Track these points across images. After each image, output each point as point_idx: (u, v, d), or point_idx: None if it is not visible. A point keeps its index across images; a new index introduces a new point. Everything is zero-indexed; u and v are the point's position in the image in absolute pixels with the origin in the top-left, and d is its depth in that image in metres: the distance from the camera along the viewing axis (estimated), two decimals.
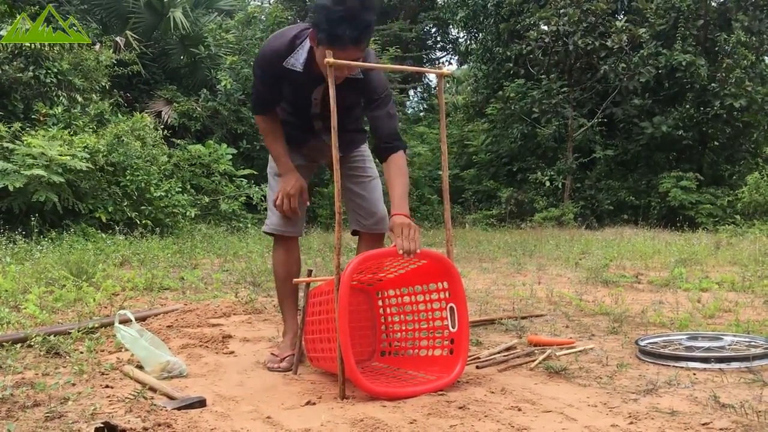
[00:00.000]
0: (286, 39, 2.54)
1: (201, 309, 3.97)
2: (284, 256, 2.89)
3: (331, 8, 2.30)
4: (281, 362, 2.74)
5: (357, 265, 2.36)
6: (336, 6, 2.30)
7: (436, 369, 2.49)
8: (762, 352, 2.66)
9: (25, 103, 9.58)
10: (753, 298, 4.43)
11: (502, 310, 4.06)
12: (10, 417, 2.04)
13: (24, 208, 8.05)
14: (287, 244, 2.89)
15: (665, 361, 2.70)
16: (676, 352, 2.78)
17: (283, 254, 2.89)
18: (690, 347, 2.85)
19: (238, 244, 8.14)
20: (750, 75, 13.65)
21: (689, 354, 2.72)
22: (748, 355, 2.64)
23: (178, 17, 13.02)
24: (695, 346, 2.86)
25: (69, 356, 2.83)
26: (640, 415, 2.06)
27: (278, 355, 2.79)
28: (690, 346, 2.86)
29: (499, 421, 2.02)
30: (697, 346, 2.85)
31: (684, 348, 2.85)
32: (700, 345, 2.86)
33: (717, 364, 2.60)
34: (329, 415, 2.11)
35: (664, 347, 2.87)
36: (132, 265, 6.19)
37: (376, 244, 2.84)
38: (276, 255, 2.93)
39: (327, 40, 2.34)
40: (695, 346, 2.86)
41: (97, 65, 10.50)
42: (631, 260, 6.90)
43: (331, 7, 2.30)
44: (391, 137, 2.59)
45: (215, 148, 11.70)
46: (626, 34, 13.92)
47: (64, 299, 4.13)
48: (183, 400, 2.21)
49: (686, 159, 14.65)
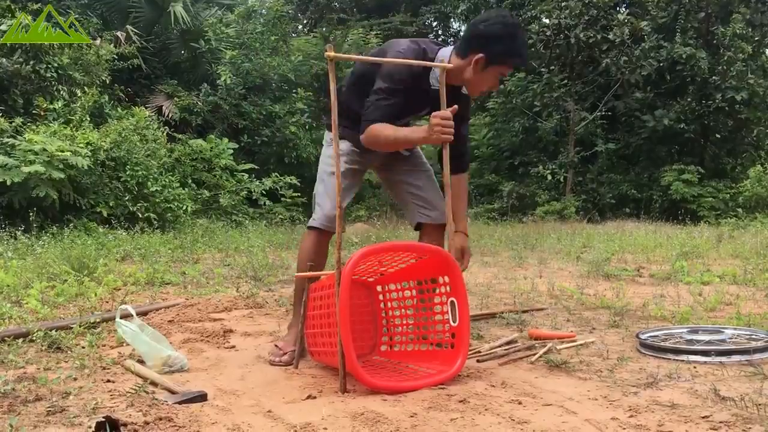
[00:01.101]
0: (422, 58, 2.66)
1: (202, 304, 3.97)
2: (316, 247, 2.84)
3: (516, 35, 2.59)
4: (284, 355, 2.74)
5: (358, 259, 2.36)
6: (519, 33, 2.62)
7: (437, 363, 2.49)
8: (763, 345, 2.66)
9: (25, 97, 9.57)
10: (754, 291, 4.42)
11: (503, 304, 4.07)
12: (12, 411, 2.04)
13: (24, 203, 8.06)
14: (321, 238, 2.86)
15: (666, 354, 2.70)
16: (677, 345, 2.79)
17: (315, 246, 2.84)
18: (691, 341, 2.85)
19: (239, 239, 8.14)
20: (752, 67, 13.61)
21: (690, 347, 2.72)
22: (748, 348, 2.64)
23: (179, 11, 12.98)
24: (696, 339, 2.86)
25: (70, 351, 2.83)
26: (641, 408, 2.06)
27: (282, 348, 2.79)
28: (691, 340, 2.86)
29: (499, 415, 2.03)
30: (697, 339, 2.85)
31: (685, 341, 2.85)
32: (700, 338, 2.86)
33: (718, 357, 2.60)
34: (330, 408, 2.12)
35: (665, 341, 2.87)
36: (133, 259, 6.20)
37: (440, 236, 2.96)
38: (306, 246, 2.86)
39: (513, 63, 2.69)
40: (696, 339, 2.86)
41: (98, 60, 10.47)
42: (632, 254, 6.89)
43: (517, 35, 2.60)
44: (466, 156, 2.99)
45: (216, 142, 11.70)
46: (628, 27, 13.89)
47: (65, 294, 4.14)
48: (184, 395, 2.22)
49: (688, 152, 14.63)
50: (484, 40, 2.57)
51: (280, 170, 12.79)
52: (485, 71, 2.62)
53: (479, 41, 2.59)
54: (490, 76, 2.65)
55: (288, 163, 13.23)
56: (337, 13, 20.16)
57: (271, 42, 14.06)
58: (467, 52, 2.61)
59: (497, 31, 2.56)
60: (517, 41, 2.60)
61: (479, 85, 2.69)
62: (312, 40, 15.72)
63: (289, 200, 12.48)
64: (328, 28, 17.42)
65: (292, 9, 18.70)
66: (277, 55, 14.02)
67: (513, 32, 2.59)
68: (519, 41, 2.61)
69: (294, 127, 13.22)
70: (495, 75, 2.65)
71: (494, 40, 2.56)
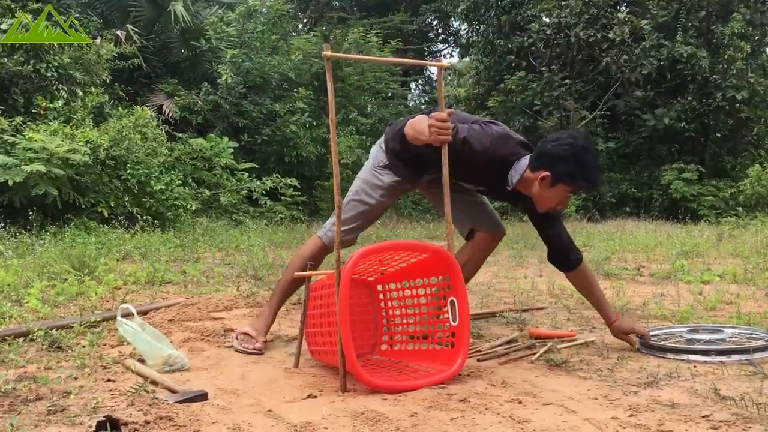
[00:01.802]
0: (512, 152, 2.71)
1: (203, 302, 3.97)
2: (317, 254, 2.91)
3: (584, 160, 2.57)
4: (256, 343, 2.80)
5: (358, 259, 2.36)
6: (587, 158, 2.58)
7: (437, 362, 2.49)
8: (763, 345, 2.66)
9: (25, 97, 9.56)
10: (755, 290, 4.42)
11: (503, 303, 4.07)
12: (12, 411, 2.04)
13: (25, 202, 8.06)
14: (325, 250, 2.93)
15: (666, 353, 2.70)
16: (677, 344, 2.79)
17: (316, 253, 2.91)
18: (691, 340, 2.85)
19: (239, 238, 8.14)
20: (752, 66, 13.61)
21: (690, 347, 2.72)
22: (748, 347, 2.64)
23: (179, 10, 12.98)
24: (696, 338, 2.86)
25: (71, 350, 2.83)
26: (641, 407, 2.06)
27: (254, 336, 2.84)
28: (691, 339, 2.86)
29: (499, 414, 2.03)
30: (697, 338, 2.85)
31: (685, 341, 2.85)
32: (700, 338, 2.86)
33: (718, 356, 2.60)
34: (330, 408, 2.12)
35: (665, 340, 2.87)
36: (134, 258, 6.20)
37: (493, 245, 3.14)
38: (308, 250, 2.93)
39: (578, 186, 2.66)
40: (696, 338, 2.86)
41: (98, 59, 10.46)
42: (632, 252, 6.89)
43: (585, 160, 2.57)
44: (570, 254, 2.89)
45: (216, 141, 11.69)
46: (628, 25, 13.89)
47: (66, 293, 4.13)
48: (185, 394, 2.22)
49: (688, 151, 14.62)
50: (550, 159, 2.59)
51: (280, 169, 12.78)
52: (552, 189, 2.62)
53: (546, 160, 2.60)
54: (557, 193, 2.64)
55: (288, 162, 13.22)
56: (338, 12, 20.15)
57: (271, 41, 14.06)
58: (536, 168, 2.62)
59: (563, 153, 2.57)
60: (584, 165, 2.57)
61: (545, 201, 2.68)
62: (312, 39, 15.71)
63: (289, 199, 12.48)
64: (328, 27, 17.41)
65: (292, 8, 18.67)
66: (277, 54, 14.02)
67: (580, 155, 2.56)
68: (586, 165, 2.58)
69: (294, 126, 13.22)
70: (561, 193, 2.63)
71: (560, 161, 2.57)
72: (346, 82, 14.96)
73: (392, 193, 2.94)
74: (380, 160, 2.93)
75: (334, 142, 2.43)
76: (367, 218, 2.97)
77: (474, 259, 3.18)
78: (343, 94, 14.70)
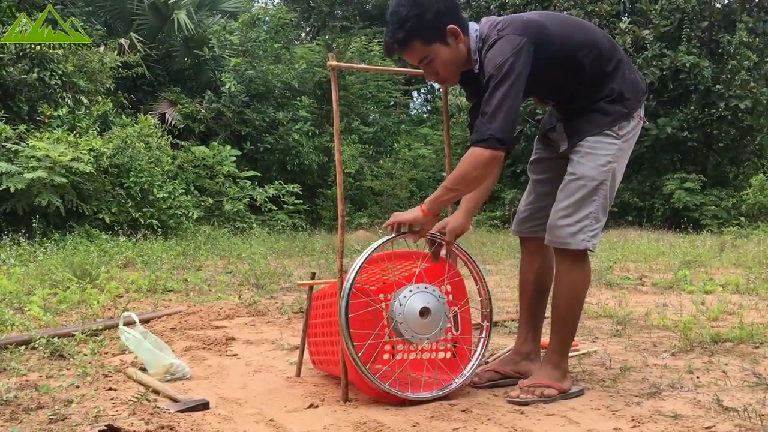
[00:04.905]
0: None
1: (204, 311, 3.97)
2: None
3: None
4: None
5: (360, 268, 2.35)
6: None
7: (440, 372, 2.49)
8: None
9: (29, 104, 9.60)
10: (757, 300, 4.41)
11: (505, 313, 4.06)
12: (14, 419, 2.04)
13: (27, 209, 8.08)
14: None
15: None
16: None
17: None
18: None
19: (241, 246, 8.15)
20: (755, 76, 13.62)
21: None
22: None
23: (182, 19, 13.03)
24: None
25: (73, 358, 2.83)
26: (643, 418, 2.05)
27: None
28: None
29: (502, 425, 2.02)
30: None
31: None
32: None
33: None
34: (332, 418, 2.11)
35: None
36: (136, 266, 6.21)
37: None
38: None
39: None
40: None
41: (102, 67, 10.51)
42: (635, 262, 6.88)
43: None
44: (478, 126, 2.49)
45: (219, 149, 11.72)
46: (630, 35, 13.92)
47: (68, 301, 4.14)
48: (186, 403, 2.22)
49: (691, 160, 14.61)
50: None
51: (282, 178, 12.81)
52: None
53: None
54: None
55: (290, 170, 13.25)
56: (340, 21, 20.23)
57: (274, 50, 14.12)
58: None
59: None
60: None
61: None
62: (315, 48, 15.77)
63: (291, 207, 12.49)
64: (330, 36, 17.48)
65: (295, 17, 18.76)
66: (280, 62, 14.07)
67: None
68: None
69: (297, 134, 13.26)
70: None
71: None
72: (348, 90, 15.01)
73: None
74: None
75: (338, 152, 2.43)
76: None
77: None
78: (345, 102, 14.74)
